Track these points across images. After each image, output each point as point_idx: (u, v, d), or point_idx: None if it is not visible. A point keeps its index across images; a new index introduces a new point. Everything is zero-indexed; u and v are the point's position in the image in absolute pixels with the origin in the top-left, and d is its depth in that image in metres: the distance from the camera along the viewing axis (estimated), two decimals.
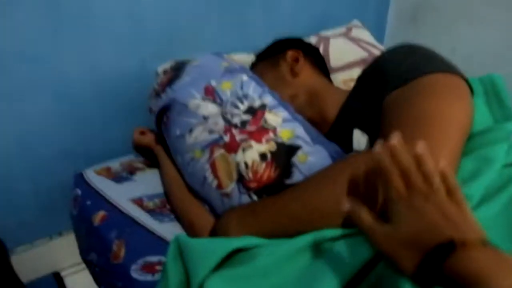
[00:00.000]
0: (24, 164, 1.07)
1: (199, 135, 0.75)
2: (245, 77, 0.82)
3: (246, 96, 0.77)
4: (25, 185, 1.09)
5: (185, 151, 0.78)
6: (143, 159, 1.08)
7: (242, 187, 0.69)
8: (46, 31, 0.97)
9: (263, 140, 0.70)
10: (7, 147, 1.03)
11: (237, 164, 0.70)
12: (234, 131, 0.72)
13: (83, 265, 1.18)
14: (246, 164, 0.69)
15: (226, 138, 0.72)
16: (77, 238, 1.01)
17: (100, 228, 0.84)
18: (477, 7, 1.48)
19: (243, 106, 0.75)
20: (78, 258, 1.03)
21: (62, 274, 1.22)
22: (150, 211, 0.86)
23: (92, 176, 0.99)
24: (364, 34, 1.26)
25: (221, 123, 0.74)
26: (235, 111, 0.75)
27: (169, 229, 0.81)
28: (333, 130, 0.82)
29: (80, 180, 0.99)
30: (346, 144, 0.74)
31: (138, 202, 0.89)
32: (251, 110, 0.74)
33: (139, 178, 0.98)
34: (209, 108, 0.77)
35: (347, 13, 1.59)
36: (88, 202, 0.91)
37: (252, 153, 0.69)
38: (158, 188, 0.94)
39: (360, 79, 0.78)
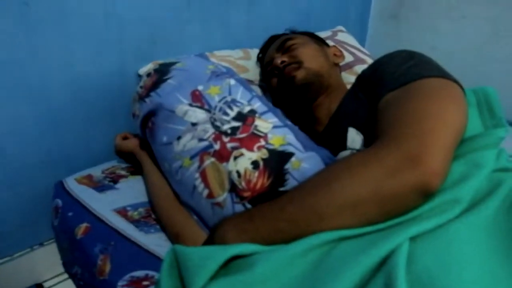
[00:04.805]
0: (2, 172, 1.01)
1: (188, 142, 0.72)
2: (232, 81, 0.79)
3: (234, 102, 0.75)
4: (3, 194, 1.03)
5: (173, 158, 0.75)
6: (125, 165, 1.04)
7: (235, 197, 0.66)
8: (18, 34, 0.92)
9: (255, 147, 0.68)
10: None
11: (229, 173, 0.67)
12: (224, 138, 0.70)
13: (66, 275, 1.14)
14: (238, 173, 0.67)
15: (217, 146, 0.69)
16: (59, 250, 0.97)
17: (84, 242, 0.80)
18: (457, 4, 1.49)
19: (232, 112, 0.72)
20: (61, 268, 0.99)
21: (45, 285, 1.17)
22: (135, 222, 0.83)
23: (73, 185, 0.95)
24: (349, 38, 1.25)
25: (210, 131, 0.71)
26: (224, 117, 0.72)
27: (155, 241, 0.78)
28: (328, 128, 0.84)
29: (61, 190, 0.95)
30: (340, 142, 0.73)
31: (122, 212, 0.85)
32: (240, 117, 0.72)
33: (122, 186, 0.95)
34: (198, 115, 0.74)
35: (329, 11, 1.59)
36: (70, 214, 0.87)
37: (244, 161, 0.67)
38: (143, 197, 0.91)
39: (358, 80, 0.79)
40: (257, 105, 0.74)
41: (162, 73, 0.86)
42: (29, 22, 0.92)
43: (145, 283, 0.70)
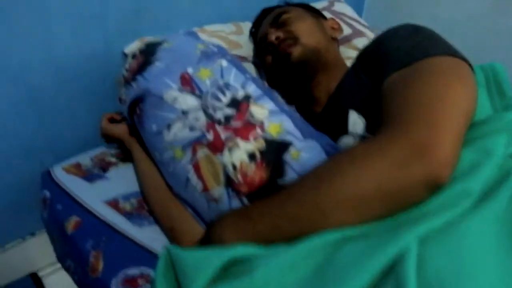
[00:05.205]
0: None
1: (179, 132, 0.67)
2: (224, 63, 0.73)
3: (227, 86, 0.69)
4: None
5: (164, 149, 0.70)
6: (115, 151, 0.99)
7: (232, 191, 0.62)
8: None
9: (251, 137, 0.63)
10: None
11: (224, 166, 0.63)
12: (218, 127, 0.65)
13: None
14: (234, 166, 0.62)
15: (210, 136, 0.65)
16: (51, 241, 0.94)
17: (75, 237, 0.77)
18: None
19: (225, 98, 0.67)
20: (54, 257, 0.96)
21: (40, 274, 1.15)
22: (127, 214, 0.79)
23: (61, 175, 0.90)
24: (346, 9, 1.18)
25: (202, 119, 0.66)
26: (217, 104, 0.67)
27: (149, 235, 0.75)
28: (327, 108, 0.79)
29: (48, 180, 0.90)
30: (340, 124, 0.69)
31: (113, 204, 0.81)
32: (234, 103, 0.67)
33: (112, 175, 0.90)
34: (188, 101, 0.68)
35: None
36: (59, 207, 0.83)
37: (240, 153, 0.62)
38: (134, 186, 0.86)
39: (359, 58, 0.73)
40: (252, 88, 0.69)
41: (148, 54, 0.79)
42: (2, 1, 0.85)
43: (140, 281, 0.67)
